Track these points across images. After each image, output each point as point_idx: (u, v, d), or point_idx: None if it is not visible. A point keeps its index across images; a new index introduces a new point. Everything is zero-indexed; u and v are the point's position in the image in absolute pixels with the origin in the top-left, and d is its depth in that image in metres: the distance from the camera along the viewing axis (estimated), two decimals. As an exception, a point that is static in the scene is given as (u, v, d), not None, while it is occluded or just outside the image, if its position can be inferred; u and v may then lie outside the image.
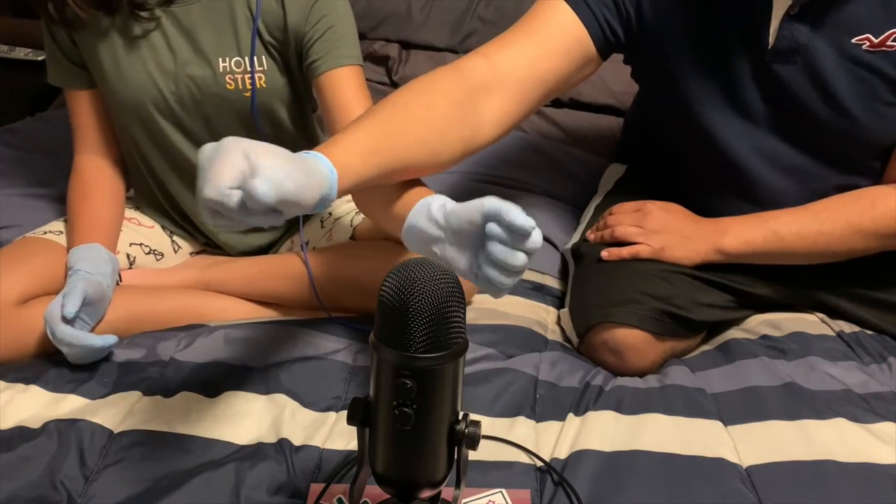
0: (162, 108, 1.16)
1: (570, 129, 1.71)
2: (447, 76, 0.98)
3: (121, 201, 1.24)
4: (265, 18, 1.13)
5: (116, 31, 1.13)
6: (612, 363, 1.08)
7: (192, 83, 1.14)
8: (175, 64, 1.14)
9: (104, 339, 1.01)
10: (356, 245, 1.20)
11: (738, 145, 1.12)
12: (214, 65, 1.14)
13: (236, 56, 1.14)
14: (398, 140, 0.88)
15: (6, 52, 2.01)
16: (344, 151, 0.80)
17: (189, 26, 1.13)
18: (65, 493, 0.83)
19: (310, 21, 1.12)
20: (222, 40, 1.13)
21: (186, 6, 1.12)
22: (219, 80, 1.14)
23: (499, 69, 1.01)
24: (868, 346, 1.11)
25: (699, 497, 0.84)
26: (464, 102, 0.96)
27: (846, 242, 1.09)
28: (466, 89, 0.97)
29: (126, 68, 1.14)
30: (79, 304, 0.99)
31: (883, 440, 0.92)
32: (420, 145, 0.91)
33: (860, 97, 1.05)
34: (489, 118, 0.99)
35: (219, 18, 1.13)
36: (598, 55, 1.10)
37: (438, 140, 0.93)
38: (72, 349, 0.99)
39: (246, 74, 1.14)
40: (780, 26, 1.03)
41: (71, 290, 1.01)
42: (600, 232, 1.20)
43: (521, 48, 1.04)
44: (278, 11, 1.12)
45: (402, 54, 1.86)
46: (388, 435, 0.65)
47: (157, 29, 1.13)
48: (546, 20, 1.07)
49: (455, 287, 0.62)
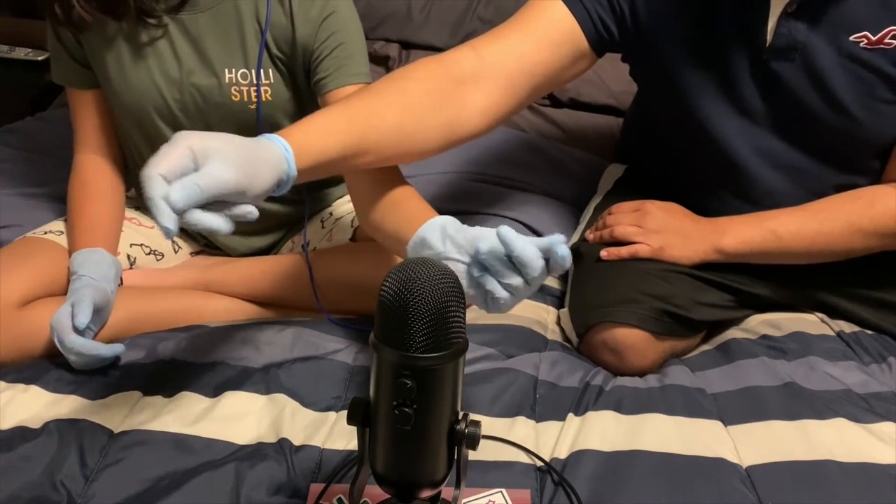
0: (164, 115, 1.15)
1: (570, 129, 1.71)
2: (427, 65, 1.01)
3: (121, 202, 1.24)
4: (273, 32, 1.11)
5: (122, 35, 1.12)
6: (611, 363, 1.08)
7: (197, 92, 1.14)
8: (180, 72, 1.13)
9: (112, 348, 1.01)
10: (357, 246, 1.20)
11: (737, 144, 1.12)
12: (220, 75, 1.13)
13: (243, 68, 1.13)
14: (364, 122, 0.91)
15: (6, 52, 2.01)
16: (304, 132, 0.85)
17: (196, 35, 1.12)
18: (65, 493, 0.83)
19: (319, 37, 1.11)
20: (229, 51, 1.12)
21: (194, 14, 1.11)
22: (224, 91, 1.13)
23: (487, 60, 1.02)
24: (868, 346, 1.11)
25: (699, 497, 0.84)
26: (442, 90, 0.98)
27: (845, 242, 1.09)
28: (446, 77, 0.99)
29: (130, 73, 1.13)
30: (90, 314, 1.00)
31: (883, 440, 0.92)
32: (389, 129, 0.94)
33: (858, 95, 1.05)
34: (474, 108, 1.01)
35: (227, 29, 1.12)
36: (591, 51, 1.10)
37: (412, 124, 0.96)
38: (80, 358, 0.99)
39: (252, 87, 1.13)
40: (778, 24, 1.03)
41: (80, 300, 1.01)
42: (599, 231, 1.20)
43: (511, 41, 1.05)
44: (287, 26, 1.11)
45: (402, 54, 1.86)
46: (388, 435, 0.65)
47: (164, 36, 1.12)
48: (539, 15, 1.07)
49: (455, 287, 0.62)
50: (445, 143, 0.99)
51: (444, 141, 0.99)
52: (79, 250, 1.11)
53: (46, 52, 1.98)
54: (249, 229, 1.28)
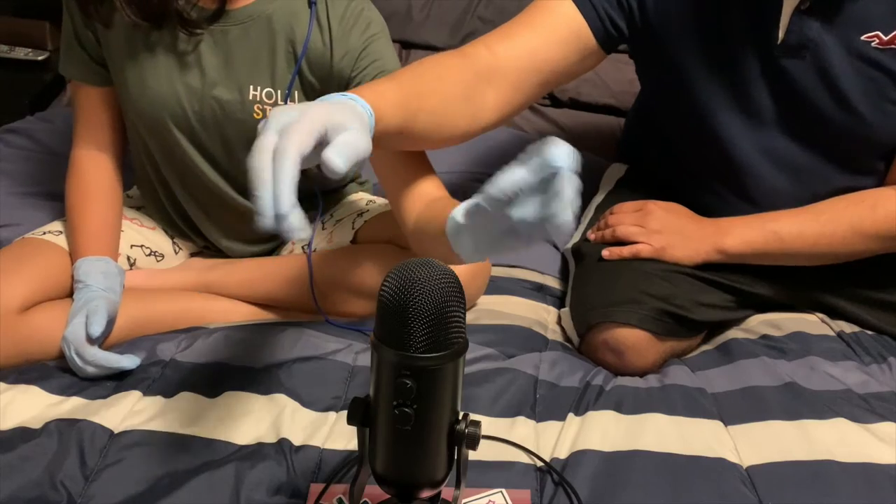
0: (181, 124, 1.13)
1: (570, 129, 1.71)
2: (454, 57, 1.02)
3: (120, 202, 1.23)
4: (308, 56, 1.09)
5: (151, 40, 1.10)
6: (612, 363, 1.08)
7: (218, 105, 1.11)
8: (203, 83, 1.11)
9: (131, 359, 1.00)
10: (357, 248, 1.20)
11: (742, 142, 1.12)
12: (244, 91, 1.11)
13: (269, 87, 1.11)
14: (419, 101, 0.91)
15: (6, 52, 2.01)
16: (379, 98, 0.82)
17: (225, 48, 1.09)
18: (65, 493, 0.83)
19: (359, 66, 1.09)
20: (257, 68, 1.10)
21: (226, 27, 1.08)
22: (246, 108, 1.11)
23: (499, 58, 1.03)
24: (868, 346, 1.11)
25: (699, 497, 0.84)
26: (468, 82, 0.99)
27: (847, 244, 1.09)
28: (471, 70, 1.00)
29: (150, 78, 1.11)
30: (104, 324, 1.00)
31: (883, 440, 0.92)
32: (432, 112, 0.93)
33: (868, 95, 1.05)
34: (489, 105, 1.02)
35: (257, 46, 1.09)
36: (599, 48, 1.10)
37: (445, 111, 0.96)
38: (100, 371, 0.99)
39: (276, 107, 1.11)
40: (791, 21, 1.03)
41: (96, 310, 1.01)
42: (601, 231, 1.20)
43: (521, 39, 1.06)
44: (325, 52, 1.09)
45: (403, 54, 1.86)
46: (388, 435, 0.65)
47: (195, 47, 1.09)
48: (547, 12, 1.08)
49: (455, 287, 0.62)
50: (466, 135, 1.00)
51: (467, 131, 1.00)
52: (83, 257, 1.10)
53: (46, 51, 1.98)
54: (253, 236, 1.27)
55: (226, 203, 1.21)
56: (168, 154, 1.18)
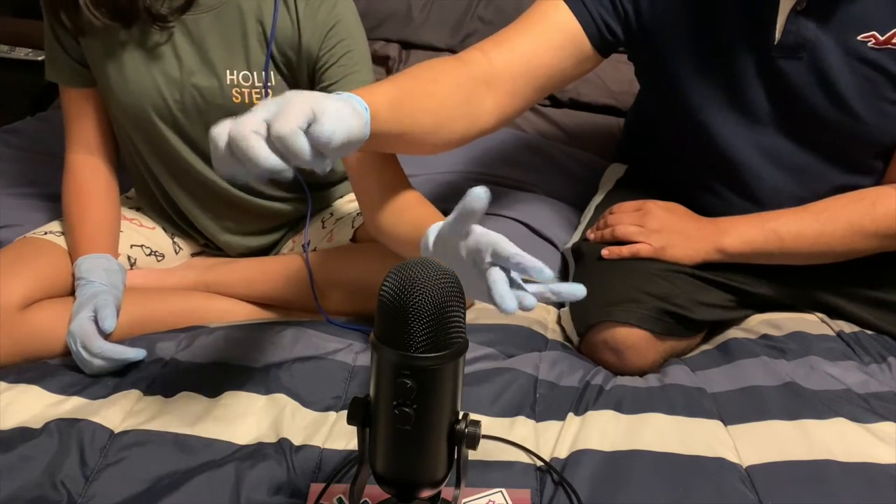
0: (163, 115, 1.15)
1: (570, 129, 1.71)
2: (449, 61, 1.02)
3: (118, 202, 1.23)
4: (278, 36, 1.11)
5: (125, 37, 1.11)
6: (612, 362, 1.08)
7: (198, 93, 1.13)
8: (181, 72, 1.12)
9: (138, 351, 1.01)
10: (358, 247, 1.20)
11: (740, 142, 1.12)
12: (221, 77, 1.13)
13: (245, 70, 1.12)
14: (415, 101, 0.92)
15: (6, 52, 2.01)
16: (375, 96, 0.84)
17: (198, 36, 1.11)
18: (65, 493, 0.83)
19: (326, 45, 1.11)
20: (231, 53, 1.12)
21: (197, 15, 1.10)
22: (225, 93, 1.13)
23: (495, 65, 1.04)
24: (868, 346, 1.11)
25: (699, 497, 0.84)
26: (466, 86, 0.99)
27: (847, 243, 1.09)
28: (468, 75, 1.00)
29: (130, 73, 1.13)
30: (115, 317, 1.01)
31: (883, 440, 0.92)
32: (428, 115, 0.94)
33: (864, 95, 1.05)
34: (488, 109, 1.03)
35: (229, 31, 1.11)
36: (595, 52, 1.10)
37: (444, 113, 0.97)
38: (108, 363, 0.99)
39: (253, 89, 1.13)
40: (787, 21, 1.04)
41: (104, 305, 1.02)
42: (601, 231, 1.20)
43: (516, 44, 1.06)
44: (293, 32, 1.11)
45: (402, 54, 1.86)
46: (388, 435, 0.65)
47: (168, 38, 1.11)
48: (543, 17, 1.08)
49: (455, 287, 0.62)
50: (463, 139, 1.01)
51: (464, 136, 1.00)
52: (84, 255, 1.11)
53: (46, 51, 1.99)
54: (249, 229, 1.28)
55: (215, 193, 1.22)
56: (155, 148, 1.19)
